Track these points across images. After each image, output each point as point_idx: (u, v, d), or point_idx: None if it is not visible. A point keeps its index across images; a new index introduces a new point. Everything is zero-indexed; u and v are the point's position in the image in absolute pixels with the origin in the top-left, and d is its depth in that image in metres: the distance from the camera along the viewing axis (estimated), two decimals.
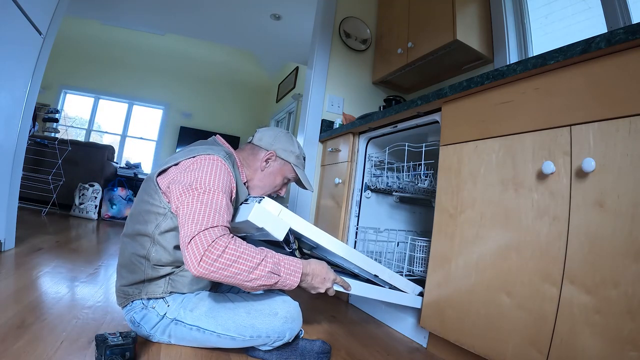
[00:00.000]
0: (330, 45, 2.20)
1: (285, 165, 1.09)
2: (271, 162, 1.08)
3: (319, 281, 0.88)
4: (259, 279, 0.77)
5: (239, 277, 0.75)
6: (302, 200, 2.04)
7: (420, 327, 1.14)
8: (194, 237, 0.73)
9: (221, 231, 0.76)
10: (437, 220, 1.13)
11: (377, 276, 1.05)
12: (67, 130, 3.76)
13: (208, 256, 0.71)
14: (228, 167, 0.90)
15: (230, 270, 0.73)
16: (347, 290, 0.95)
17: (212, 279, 0.74)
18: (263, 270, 0.77)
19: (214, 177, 0.84)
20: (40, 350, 0.78)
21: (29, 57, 1.61)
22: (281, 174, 1.09)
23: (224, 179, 0.86)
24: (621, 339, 0.65)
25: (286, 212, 0.90)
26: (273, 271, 0.78)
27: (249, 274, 0.75)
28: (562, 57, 0.81)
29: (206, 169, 0.85)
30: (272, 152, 1.07)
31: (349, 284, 0.95)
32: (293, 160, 1.09)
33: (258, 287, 0.79)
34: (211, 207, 0.79)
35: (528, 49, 1.68)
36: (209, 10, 3.70)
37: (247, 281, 0.76)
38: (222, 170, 0.87)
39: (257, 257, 0.77)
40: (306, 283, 0.87)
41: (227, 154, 0.95)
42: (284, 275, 0.80)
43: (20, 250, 1.69)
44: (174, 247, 0.90)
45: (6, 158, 1.58)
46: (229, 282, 0.75)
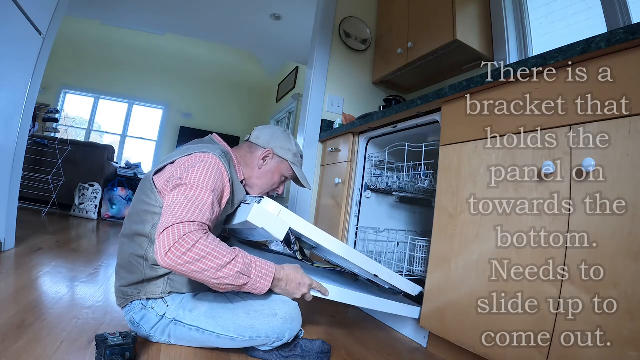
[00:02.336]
0: (330, 45, 2.20)
1: (283, 163, 1.09)
2: (268, 160, 1.08)
3: (294, 287, 0.87)
4: (226, 278, 0.75)
5: (206, 274, 0.73)
6: (302, 200, 2.04)
7: (420, 327, 1.14)
8: (168, 228, 0.72)
9: (196, 227, 0.75)
10: (437, 220, 1.13)
11: (377, 276, 1.05)
12: (67, 130, 3.75)
13: (177, 248, 0.70)
14: (223, 166, 0.90)
15: (198, 265, 0.72)
16: (325, 296, 0.93)
17: (178, 272, 0.72)
18: (232, 270, 0.75)
19: (204, 175, 0.84)
20: (40, 350, 0.78)
21: (29, 57, 1.61)
22: (279, 172, 1.09)
23: (214, 178, 0.85)
24: (621, 339, 0.65)
25: (286, 212, 0.90)
26: (242, 272, 0.77)
27: (217, 271, 0.74)
28: (562, 57, 0.81)
29: (199, 166, 0.85)
30: (269, 150, 1.07)
31: (326, 289, 0.94)
32: (290, 158, 1.09)
33: (225, 287, 0.77)
34: (193, 203, 0.78)
35: (528, 49, 1.68)
36: (209, 10, 3.70)
37: (214, 279, 0.74)
38: (215, 168, 0.87)
39: (227, 256, 0.75)
40: (280, 289, 0.86)
41: (223, 153, 0.95)
42: (254, 278, 0.80)
43: (20, 250, 1.69)
44: None
45: (6, 158, 1.58)
46: (196, 278, 0.73)
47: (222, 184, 0.88)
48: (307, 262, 1.15)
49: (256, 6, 3.48)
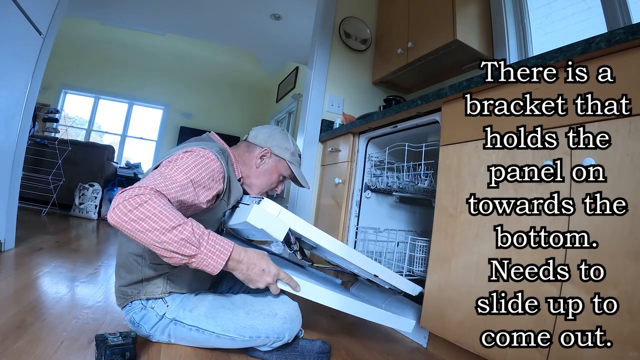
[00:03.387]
0: (330, 45, 2.20)
1: (280, 162, 1.08)
2: (266, 159, 1.07)
3: (257, 273, 0.80)
4: (170, 244, 0.68)
5: (150, 236, 0.67)
6: (302, 200, 2.04)
7: (420, 327, 1.14)
8: (125, 190, 0.69)
9: (152, 191, 0.70)
10: (437, 220, 1.13)
11: (376, 276, 1.05)
12: (67, 130, 3.76)
13: (125, 205, 0.67)
14: (219, 162, 0.89)
15: (141, 224, 0.67)
16: (296, 291, 0.85)
17: (123, 230, 0.67)
18: (177, 235, 0.68)
19: (191, 164, 0.82)
20: (40, 350, 0.78)
21: (29, 57, 1.61)
22: (277, 171, 1.08)
23: (201, 171, 0.83)
24: (621, 339, 0.65)
25: (285, 213, 0.90)
26: (189, 241, 0.70)
27: (161, 234, 0.67)
28: (562, 57, 0.81)
29: (191, 155, 0.84)
30: (266, 149, 1.07)
31: (297, 284, 0.85)
32: (288, 157, 1.08)
33: (172, 257, 0.70)
34: (162, 176, 0.76)
35: (528, 49, 1.68)
36: (209, 10, 3.70)
37: (158, 244, 0.68)
38: (206, 164, 0.85)
39: (175, 221, 0.69)
40: (241, 273, 0.79)
41: (220, 150, 0.94)
42: (204, 251, 0.72)
43: (20, 250, 1.69)
44: None
45: (6, 158, 1.58)
46: (141, 240, 0.68)
47: (210, 179, 0.85)
48: (307, 262, 1.15)
49: (256, 6, 3.48)
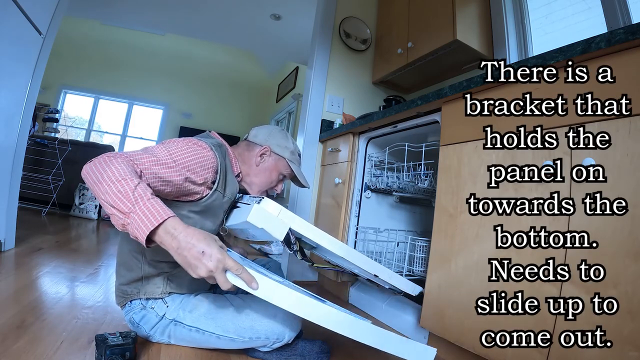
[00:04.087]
0: (330, 45, 2.20)
1: (280, 160, 1.08)
2: (266, 158, 1.07)
3: (194, 256, 0.64)
4: (110, 194, 0.65)
5: (99, 186, 0.66)
6: (302, 200, 2.04)
7: (420, 327, 1.14)
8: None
9: (123, 157, 0.72)
10: (437, 220, 1.13)
11: (376, 276, 1.05)
12: (67, 130, 3.76)
13: (93, 161, 0.70)
14: (213, 152, 0.89)
15: (96, 175, 0.67)
16: (252, 288, 0.68)
17: (85, 181, 0.69)
18: (119, 187, 0.65)
19: (180, 147, 0.83)
20: (40, 350, 0.78)
21: (29, 57, 1.61)
22: (276, 170, 1.08)
23: (190, 154, 0.83)
24: (621, 339, 0.65)
25: (286, 213, 0.90)
26: (127, 196, 0.64)
27: (106, 184, 0.65)
28: (562, 57, 0.81)
29: (182, 141, 0.86)
30: (266, 147, 1.07)
31: (252, 278, 0.68)
32: (288, 155, 1.08)
33: (112, 213, 0.66)
34: (143, 150, 0.79)
35: (528, 49, 1.68)
36: (209, 10, 3.70)
37: (102, 193, 0.65)
38: (196, 149, 0.85)
39: (123, 174, 0.67)
40: (175, 252, 0.65)
41: (217, 144, 0.95)
42: (138, 211, 0.64)
43: (20, 250, 1.69)
44: None
45: (6, 158, 1.58)
46: (93, 191, 0.68)
47: (198, 164, 0.85)
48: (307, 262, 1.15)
49: (256, 6, 3.48)
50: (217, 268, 0.64)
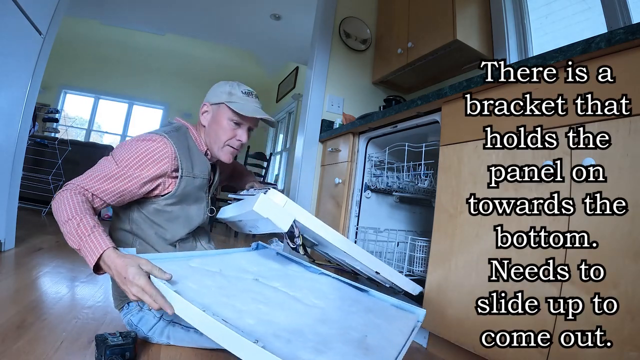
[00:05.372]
0: (330, 45, 2.20)
1: (220, 107, 1.00)
2: (207, 114, 1.02)
3: (122, 282, 0.69)
4: (66, 235, 0.74)
5: (60, 226, 0.75)
6: (302, 200, 2.04)
7: (421, 327, 1.14)
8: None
9: (71, 186, 0.81)
10: (437, 220, 1.13)
11: (378, 273, 1.05)
12: (67, 130, 3.76)
13: (55, 196, 0.80)
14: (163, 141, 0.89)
15: (56, 216, 0.76)
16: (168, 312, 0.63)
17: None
18: (67, 228, 0.74)
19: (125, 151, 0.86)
20: (40, 350, 0.78)
21: (29, 57, 1.61)
22: (221, 118, 1.00)
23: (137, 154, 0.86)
24: (621, 339, 0.65)
25: (291, 204, 0.89)
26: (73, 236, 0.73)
27: (61, 226, 0.75)
28: (562, 57, 0.81)
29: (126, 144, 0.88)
30: (205, 104, 1.02)
31: (167, 305, 0.62)
32: (225, 98, 1.00)
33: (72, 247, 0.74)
34: (92, 170, 0.85)
35: (528, 49, 1.68)
36: (209, 10, 3.70)
37: (63, 233, 0.75)
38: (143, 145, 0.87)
39: (66, 215, 0.75)
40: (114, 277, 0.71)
41: (173, 129, 0.95)
42: (83, 249, 0.72)
43: (20, 250, 1.69)
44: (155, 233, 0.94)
45: (6, 158, 1.58)
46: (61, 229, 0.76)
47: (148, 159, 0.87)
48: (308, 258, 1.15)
49: (256, 6, 3.48)
50: (139, 292, 0.66)
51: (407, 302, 0.93)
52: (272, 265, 1.02)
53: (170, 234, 0.97)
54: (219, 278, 0.79)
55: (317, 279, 0.99)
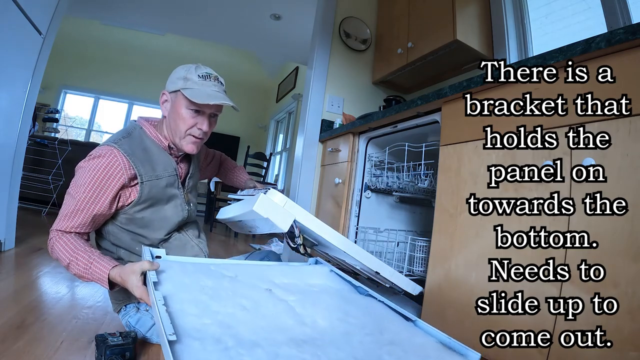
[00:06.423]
0: (330, 45, 2.20)
1: (177, 95, 0.93)
2: (167, 103, 0.96)
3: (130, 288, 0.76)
4: (77, 275, 0.83)
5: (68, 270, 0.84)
6: (302, 200, 2.03)
7: None
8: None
9: (54, 234, 0.87)
10: (437, 220, 1.13)
11: (378, 273, 1.05)
12: (67, 130, 3.76)
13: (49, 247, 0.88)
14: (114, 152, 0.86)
15: (59, 261, 0.85)
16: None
17: None
18: (73, 270, 0.82)
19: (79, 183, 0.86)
20: (40, 350, 0.78)
21: (29, 57, 1.61)
22: (180, 106, 0.93)
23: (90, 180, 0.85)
24: (621, 339, 0.65)
25: (291, 204, 0.89)
26: (80, 274, 0.82)
27: (67, 270, 0.84)
28: (562, 57, 0.81)
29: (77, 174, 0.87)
30: (163, 92, 0.97)
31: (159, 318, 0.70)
32: (181, 84, 0.92)
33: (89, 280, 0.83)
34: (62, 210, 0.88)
35: (528, 49, 1.68)
36: (209, 10, 3.70)
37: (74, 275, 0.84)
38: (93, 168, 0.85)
39: (66, 259, 0.83)
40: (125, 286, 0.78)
41: (125, 134, 0.92)
42: (94, 279, 0.81)
43: (20, 250, 1.69)
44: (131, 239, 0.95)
45: (6, 158, 1.58)
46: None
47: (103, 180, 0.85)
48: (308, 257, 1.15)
49: (256, 6, 3.48)
50: (141, 297, 0.74)
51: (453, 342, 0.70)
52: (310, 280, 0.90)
53: (149, 239, 0.96)
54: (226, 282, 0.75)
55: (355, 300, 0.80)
